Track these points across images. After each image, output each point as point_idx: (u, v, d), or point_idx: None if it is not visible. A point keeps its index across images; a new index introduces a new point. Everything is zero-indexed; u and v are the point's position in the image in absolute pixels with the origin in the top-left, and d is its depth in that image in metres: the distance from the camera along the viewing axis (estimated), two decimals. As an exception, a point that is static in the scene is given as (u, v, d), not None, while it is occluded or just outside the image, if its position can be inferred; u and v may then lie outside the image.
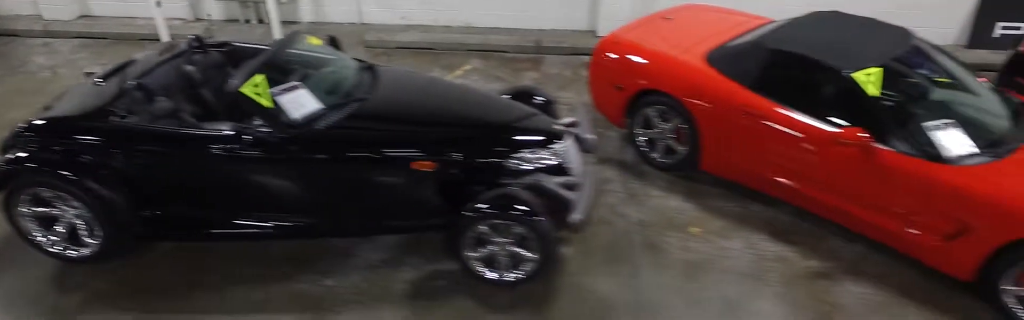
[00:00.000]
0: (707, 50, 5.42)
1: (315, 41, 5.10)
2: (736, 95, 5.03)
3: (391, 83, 4.94)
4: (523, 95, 5.55)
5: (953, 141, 4.35)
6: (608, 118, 6.05)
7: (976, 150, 4.33)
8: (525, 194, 4.30)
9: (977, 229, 4.15)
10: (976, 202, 4.11)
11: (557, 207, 4.38)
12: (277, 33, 8.05)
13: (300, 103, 4.44)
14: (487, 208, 4.21)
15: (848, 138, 4.39)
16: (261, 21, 8.96)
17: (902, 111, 4.59)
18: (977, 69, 5.89)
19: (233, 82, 4.35)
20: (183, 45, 5.15)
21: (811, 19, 5.37)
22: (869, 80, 4.55)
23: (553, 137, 4.61)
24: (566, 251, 4.83)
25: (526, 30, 8.48)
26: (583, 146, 5.08)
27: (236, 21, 8.95)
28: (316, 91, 4.60)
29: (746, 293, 4.48)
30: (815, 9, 5.54)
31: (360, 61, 5.24)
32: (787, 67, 4.92)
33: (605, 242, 4.94)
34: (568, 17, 8.37)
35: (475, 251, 4.40)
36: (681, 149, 5.52)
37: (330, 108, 4.53)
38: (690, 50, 5.48)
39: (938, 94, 4.88)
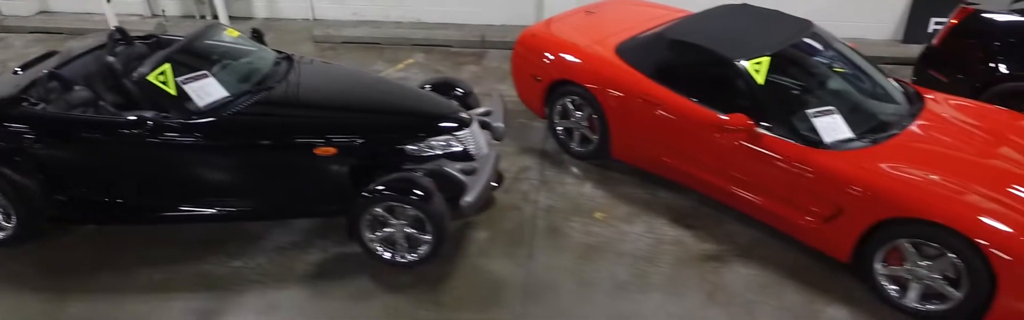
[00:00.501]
0: (618, 42, 5.59)
1: (233, 33, 5.28)
2: (639, 85, 5.21)
3: (304, 73, 5.13)
4: (444, 86, 5.74)
5: (831, 127, 4.52)
6: (531, 109, 6.22)
7: (852, 135, 4.49)
8: (420, 178, 4.48)
9: (848, 211, 4.32)
10: (846, 185, 4.27)
11: (455, 191, 4.55)
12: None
13: (206, 91, 4.61)
14: (382, 190, 4.38)
15: (733, 124, 4.56)
16: (216, 17, 9.13)
17: (788, 98, 4.76)
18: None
19: (141, 70, 4.54)
20: (105, 37, 5.33)
21: (717, 11, 5.55)
22: (757, 69, 4.72)
23: (458, 124, 4.78)
24: (471, 234, 5.01)
25: (474, 25, 8.67)
26: (493, 134, 5.26)
27: (192, 17, 9.14)
28: (226, 80, 4.78)
29: (635, 274, 4.64)
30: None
31: (280, 52, 5.42)
32: (684, 57, 5.10)
33: (510, 226, 5.11)
34: (514, 12, 8.55)
35: (374, 233, 4.57)
36: (594, 138, 5.69)
37: (237, 96, 4.71)
38: (603, 42, 5.66)
39: (830, 82, 5.05)
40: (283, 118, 4.70)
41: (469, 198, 4.44)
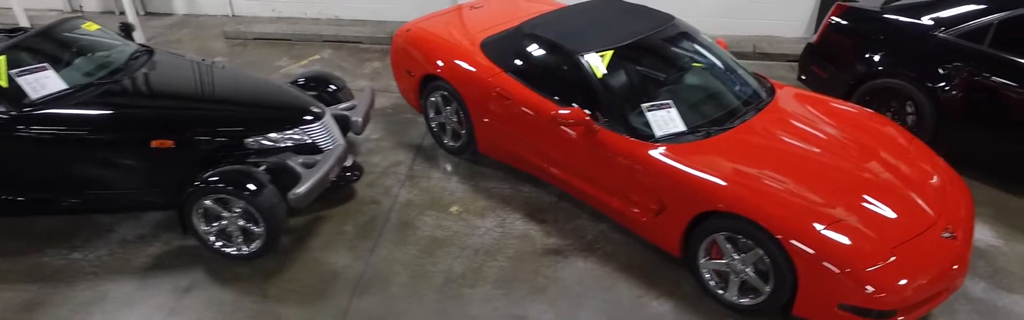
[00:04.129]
0: (485, 37, 5.60)
1: (91, 26, 5.29)
2: (496, 79, 5.21)
3: (160, 67, 5.14)
4: (317, 81, 5.76)
5: (664, 121, 4.52)
6: (410, 104, 6.23)
7: (684, 129, 4.49)
8: (251, 170, 4.49)
9: (671, 205, 4.32)
10: (668, 179, 4.28)
11: (295, 184, 4.56)
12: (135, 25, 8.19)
13: (41, 83, 4.62)
14: (209, 183, 4.39)
15: (567, 118, 4.55)
16: (136, 12, 9.13)
17: (628, 92, 4.75)
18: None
19: (-24, 63, 4.54)
20: (-37, 30, 5.35)
21: (582, 6, 5.56)
22: (598, 62, 4.72)
23: (309, 118, 4.80)
24: (320, 227, 5.02)
25: (389, 22, 8.68)
26: (352, 128, 5.27)
27: (111, 13, 9.14)
28: (71, 73, 4.79)
29: (472, 268, 4.64)
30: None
31: (144, 46, 5.43)
32: (535, 51, 5.10)
33: (363, 220, 5.12)
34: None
35: (209, 225, 4.58)
36: (463, 133, 5.69)
37: (79, 89, 4.71)
38: (472, 37, 5.66)
39: (680, 76, 5.04)
40: (122, 111, 4.70)
41: (298, 190, 4.44)
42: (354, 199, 5.36)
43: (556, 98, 4.89)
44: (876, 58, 5.79)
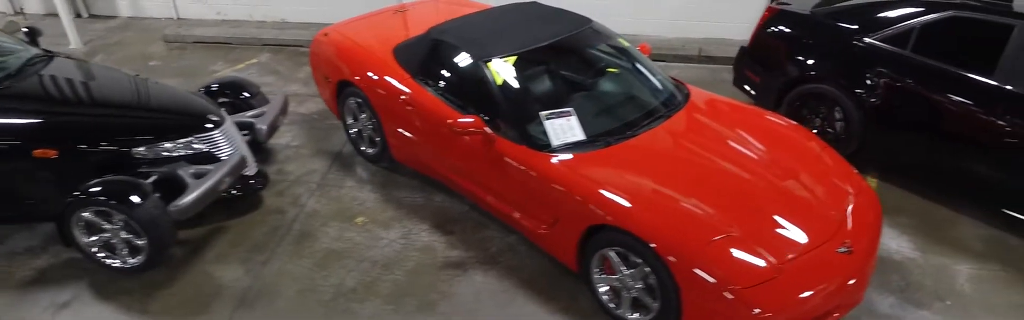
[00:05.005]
0: (400, 42, 5.44)
1: (-13, 31, 5.14)
2: (403, 85, 5.05)
3: (54, 73, 4.98)
4: (230, 87, 5.61)
5: (563, 129, 4.35)
6: (330, 110, 6.07)
7: (583, 138, 4.33)
8: (133, 181, 4.33)
9: (563, 218, 4.16)
10: (559, 190, 4.11)
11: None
12: (69, 28, 8.07)
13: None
14: (87, 194, 4.23)
15: (463, 127, 4.39)
16: (79, 15, 9.02)
17: (529, 99, 4.58)
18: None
19: None
20: None
21: (498, 10, 5.39)
22: (499, 68, 4.56)
23: (206, 126, 4.65)
24: (217, 238, 4.87)
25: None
26: (256, 136, 5.12)
27: (54, 15, 8.98)
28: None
29: (365, 282, 4.49)
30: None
31: (47, 52, 5.28)
32: (441, 56, 4.94)
33: (263, 231, 4.96)
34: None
35: (90, 237, 4.42)
36: (379, 140, 5.54)
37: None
38: (388, 42, 5.50)
39: (588, 82, 4.87)
40: (3, 117, 4.54)
41: (180, 202, 4.29)
42: (259, 209, 5.20)
43: (460, 105, 4.73)
44: (805, 63, 5.62)
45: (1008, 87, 4.64)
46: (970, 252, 4.72)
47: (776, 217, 3.91)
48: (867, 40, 5.31)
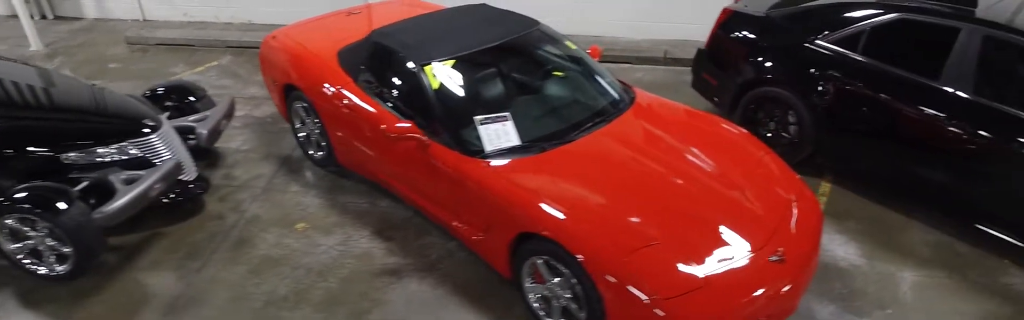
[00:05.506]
0: (345, 45, 5.36)
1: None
2: (345, 89, 4.97)
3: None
4: (176, 91, 5.54)
5: (497, 135, 4.27)
6: (280, 113, 6.00)
7: (518, 143, 4.24)
8: (56, 187, 4.26)
9: (494, 225, 4.09)
10: (488, 196, 4.04)
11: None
12: (29, 29, 8.00)
13: None
14: (9, 200, 4.15)
15: (395, 132, 4.31)
16: (45, 17, 8.96)
17: (465, 104, 4.50)
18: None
19: None
20: None
21: (447, 11, 5.31)
22: (437, 72, 4.48)
23: (144, 130, 4.58)
24: (154, 244, 4.80)
25: (299, 27, 8.42)
26: (198, 140, 5.05)
27: (15, 17, 8.91)
28: None
29: (298, 290, 4.41)
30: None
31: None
32: (381, 60, 4.86)
33: (201, 237, 4.89)
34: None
35: (14, 244, 4.34)
36: (324, 144, 5.46)
37: None
38: (334, 45, 5.42)
39: (530, 86, 4.79)
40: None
41: (106, 209, 4.22)
42: (200, 214, 5.13)
43: (398, 110, 4.65)
44: (759, 65, 5.54)
45: (953, 91, 4.56)
46: (917, 258, 4.64)
47: (708, 225, 3.83)
48: (819, 42, 5.23)
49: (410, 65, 4.53)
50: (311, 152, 5.67)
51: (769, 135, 5.65)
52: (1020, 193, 4.33)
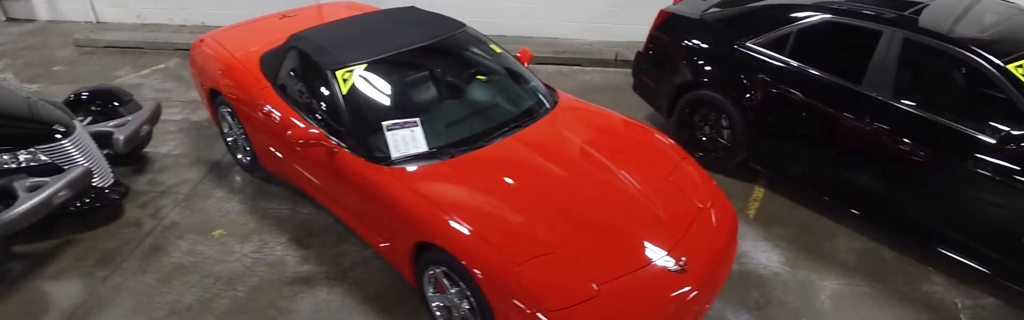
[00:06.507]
0: (268, 49, 5.27)
1: None
2: (262, 94, 4.89)
3: None
4: (100, 96, 5.46)
5: (405, 141, 4.17)
6: (211, 117, 5.91)
7: (425, 150, 4.15)
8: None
9: (396, 233, 4.00)
10: (388, 204, 3.94)
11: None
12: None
13: None
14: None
15: (300, 138, 4.22)
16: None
17: (378, 110, 4.39)
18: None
19: None
20: None
21: (372, 15, 5.22)
22: (345, 77, 4.39)
23: (56, 135, 4.50)
24: (65, 252, 4.72)
25: (252, 29, 8.33)
26: (114, 146, 4.96)
27: (-29, 19, 8.85)
28: None
29: (204, 299, 4.32)
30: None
31: None
32: (296, 65, 4.77)
33: (114, 244, 4.80)
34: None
35: (-85, 253, 4.27)
36: (249, 149, 5.37)
37: None
38: (260, 49, 5.33)
39: (447, 91, 4.69)
40: None
41: (2, 216, 4.13)
42: (117, 221, 5.04)
43: (312, 116, 4.56)
44: (693, 68, 5.45)
45: (874, 94, 4.47)
46: (841, 266, 4.55)
47: (609, 234, 3.74)
48: (749, 45, 5.14)
49: (321, 70, 4.44)
50: (239, 157, 5.58)
51: (705, 139, 5.56)
52: (941, 197, 4.24)
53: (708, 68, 5.34)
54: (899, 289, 4.35)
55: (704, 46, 5.42)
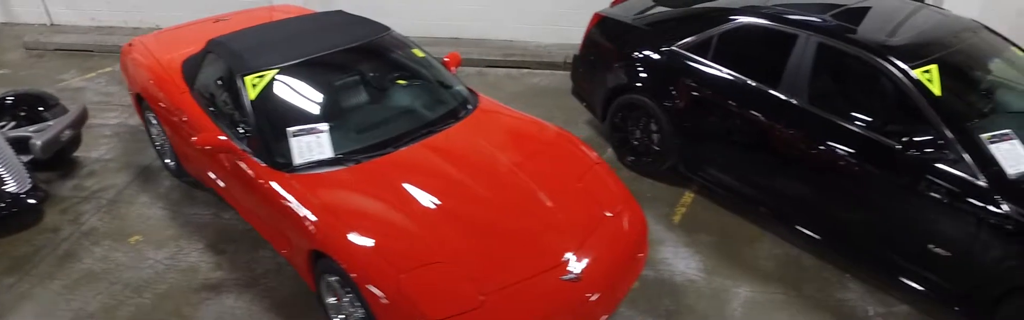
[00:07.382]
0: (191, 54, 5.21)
1: None
2: (180, 99, 4.84)
3: None
4: (24, 100, 5.41)
5: (309, 147, 4.12)
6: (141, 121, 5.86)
7: (331, 156, 4.09)
8: None
9: (292, 240, 3.94)
10: (284, 212, 3.89)
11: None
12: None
13: None
14: None
15: (204, 144, 4.16)
16: (-51, 22, 8.81)
17: (287, 115, 4.33)
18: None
19: None
20: None
21: (296, 19, 5.19)
22: (255, 82, 4.33)
23: None
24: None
25: (205, 32, 8.28)
26: (31, 150, 4.91)
27: (-75, 22, 8.80)
28: None
29: (107, 307, 4.27)
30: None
31: None
32: (210, 69, 4.72)
33: (26, 251, 4.75)
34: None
35: None
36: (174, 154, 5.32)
37: None
38: (186, 54, 5.27)
39: (363, 96, 4.63)
40: None
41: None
42: (34, 227, 4.99)
43: (222, 121, 4.51)
44: (623, 72, 5.40)
45: (789, 99, 4.42)
46: (758, 273, 4.49)
47: (506, 241, 3.69)
48: (674, 49, 5.08)
49: (232, 75, 4.39)
50: (167, 161, 5.53)
51: (637, 143, 5.51)
52: (858, 203, 4.19)
53: (637, 72, 5.29)
54: (813, 296, 4.30)
55: (633, 50, 5.36)
